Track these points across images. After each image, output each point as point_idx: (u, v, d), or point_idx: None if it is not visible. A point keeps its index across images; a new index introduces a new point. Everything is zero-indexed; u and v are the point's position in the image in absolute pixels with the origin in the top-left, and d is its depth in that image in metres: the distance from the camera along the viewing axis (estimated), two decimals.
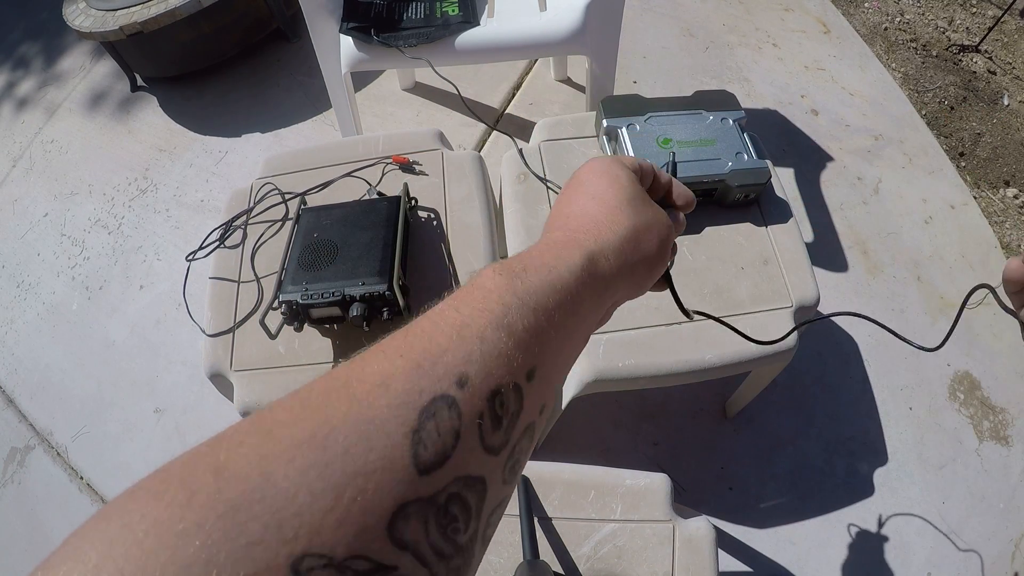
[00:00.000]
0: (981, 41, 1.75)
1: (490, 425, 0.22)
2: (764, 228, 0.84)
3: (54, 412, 1.34)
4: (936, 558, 1.07)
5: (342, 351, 0.77)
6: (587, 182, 0.35)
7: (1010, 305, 0.34)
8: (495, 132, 1.61)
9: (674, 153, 0.47)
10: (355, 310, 0.70)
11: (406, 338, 0.23)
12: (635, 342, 0.76)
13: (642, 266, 0.33)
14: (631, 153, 0.81)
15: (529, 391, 0.24)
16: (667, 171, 0.41)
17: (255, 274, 0.84)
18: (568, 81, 1.70)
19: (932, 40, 1.79)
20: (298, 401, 0.20)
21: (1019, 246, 1.40)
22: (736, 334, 0.44)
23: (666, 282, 0.40)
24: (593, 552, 0.65)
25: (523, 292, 0.25)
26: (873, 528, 1.10)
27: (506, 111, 1.65)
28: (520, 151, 0.92)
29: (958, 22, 1.84)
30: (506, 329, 0.24)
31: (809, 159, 1.54)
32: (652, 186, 0.39)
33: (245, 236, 0.88)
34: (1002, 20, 1.75)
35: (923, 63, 1.74)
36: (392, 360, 0.21)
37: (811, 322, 0.44)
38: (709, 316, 0.45)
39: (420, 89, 1.71)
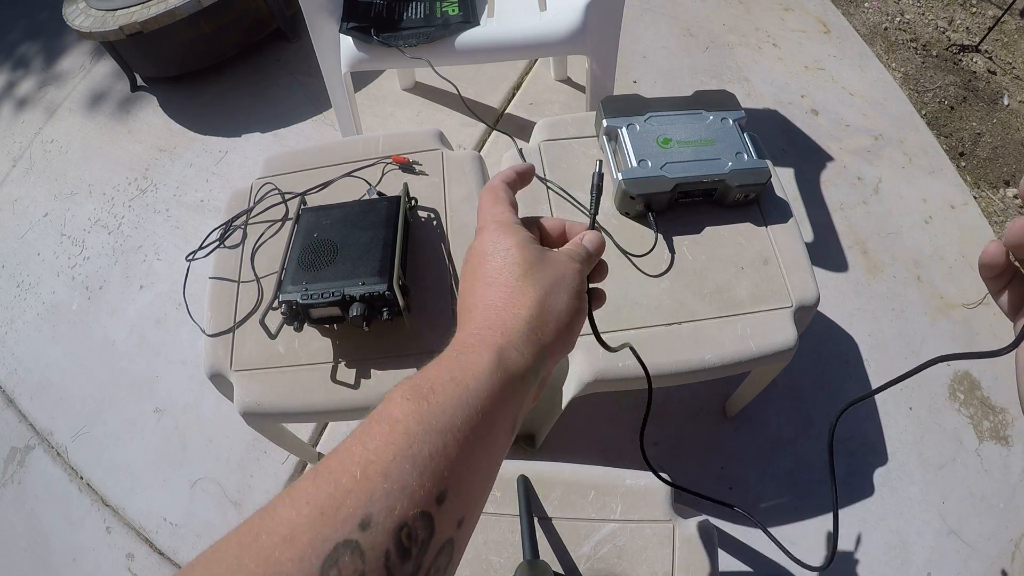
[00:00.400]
0: (981, 41, 1.75)
1: (397, 559, 0.22)
2: (764, 228, 0.84)
3: (54, 412, 1.34)
4: (936, 558, 1.07)
5: (342, 351, 0.77)
6: (480, 267, 0.34)
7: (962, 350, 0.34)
8: (495, 132, 1.61)
9: (600, 162, 0.45)
10: (355, 310, 0.70)
11: (315, 481, 0.23)
12: (635, 342, 0.76)
13: (560, 333, 0.33)
14: (631, 152, 0.81)
15: (441, 514, 0.24)
16: (592, 191, 0.41)
17: (255, 274, 0.84)
18: (568, 81, 1.70)
19: (932, 40, 1.79)
20: (216, 560, 0.21)
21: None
22: None
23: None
24: (593, 552, 0.65)
25: (429, 416, 0.26)
26: (873, 528, 1.10)
27: (506, 111, 1.65)
28: (520, 151, 0.92)
29: (958, 22, 1.84)
30: (411, 460, 0.24)
31: (809, 159, 1.54)
32: (546, 239, 0.39)
33: (245, 236, 0.88)
34: (1002, 20, 1.75)
35: (923, 63, 1.74)
36: (299, 508, 0.22)
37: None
38: (634, 352, 0.47)
39: (420, 89, 1.71)
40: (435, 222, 0.86)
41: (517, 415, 0.31)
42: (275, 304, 0.72)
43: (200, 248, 0.87)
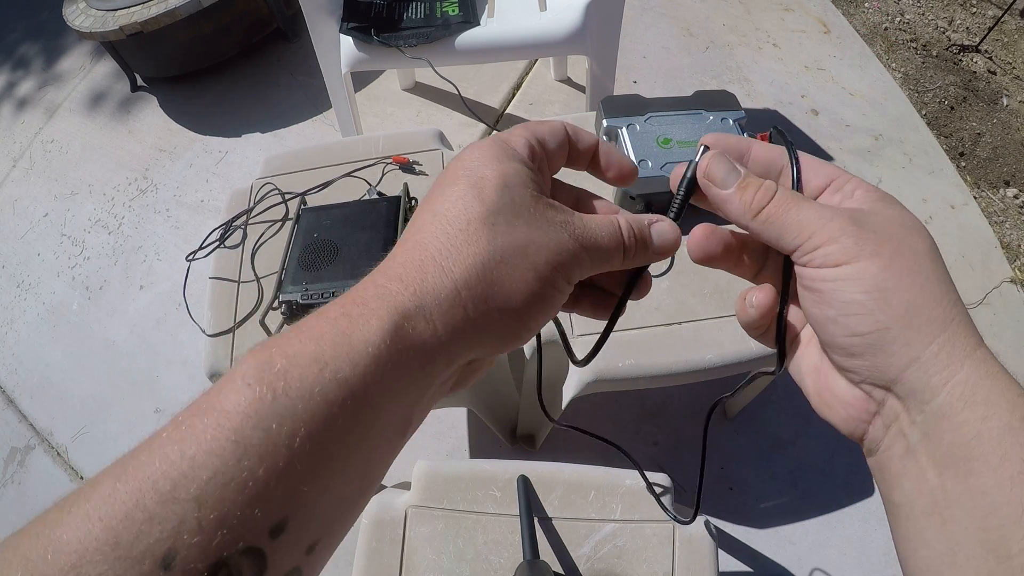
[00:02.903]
0: (981, 41, 1.75)
1: None
2: None
3: (54, 412, 1.34)
4: None
5: None
6: (440, 187, 0.25)
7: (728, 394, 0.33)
8: (495, 132, 1.61)
9: (702, 149, 0.28)
10: None
11: (115, 485, 0.18)
12: (635, 342, 0.76)
13: (502, 318, 0.23)
14: (631, 153, 0.81)
15: (278, 547, 0.19)
16: (680, 186, 0.29)
17: (255, 274, 0.84)
18: (568, 81, 1.70)
19: (932, 40, 1.79)
20: None
21: (1019, 246, 1.40)
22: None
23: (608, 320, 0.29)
24: (593, 552, 0.65)
25: (273, 414, 0.19)
26: (873, 528, 1.10)
27: (506, 111, 1.65)
28: None
29: (958, 22, 1.84)
30: (238, 479, 0.18)
31: None
32: (572, 157, 0.29)
33: (245, 236, 0.88)
34: (1002, 20, 1.75)
35: (923, 63, 1.74)
36: (91, 525, 0.17)
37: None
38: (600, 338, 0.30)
39: (420, 89, 1.71)
40: None
41: (414, 410, 0.23)
42: (275, 304, 0.72)
43: (200, 248, 0.87)
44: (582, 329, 0.76)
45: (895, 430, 0.23)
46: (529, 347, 0.79)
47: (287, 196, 0.90)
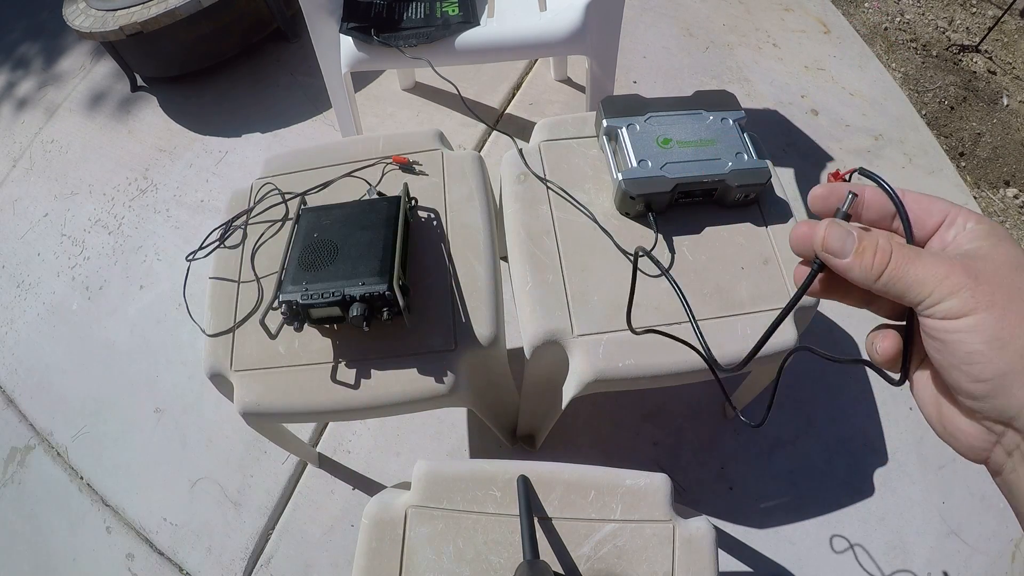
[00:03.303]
0: (981, 41, 1.75)
1: None
2: (764, 228, 0.84)
3: (54, 412, 1.34)
4: (936, 558, 1.07)
5: (342, 351, 0.77)
6: None
7: (828, 354, 0.35)
8: (495, 132, 1.61)
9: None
10: (355, 310, 0.70)
11: None
12: (635, 342, 0.76)
13: None
14: (631, 153, 0.81)
15: None
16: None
17: (255, 274, 0.84)
18: (568, 81, 1.70)
19: (932, 40, 1.79)
20: None
21: (1019, 246, 1.40)
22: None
23: None
24: (593, 552, 0.65)
25: None
26: (873, 528, 1.10)
27: (506, 111, 1.65)
28: (520, 151, 0.91)
29: (958, 22, 1.84)
30: None
31: (809, 159, 1.54)
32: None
33: (245, 236, 0.88)
34: (1002, 20, 1.75)
35: (923, 63, 1.74)
36: None
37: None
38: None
39: (420, 89, 1.71)
40: (435, 222, 0.86)
41: None
42: (275, 304, 0.72)
43: (200, 248, 0.87)
44: (582, 329, 0.76)
45: (1018, 456, 0.26)
46: (530, 347, 0.79)
47: (287, 196, 0.90)
